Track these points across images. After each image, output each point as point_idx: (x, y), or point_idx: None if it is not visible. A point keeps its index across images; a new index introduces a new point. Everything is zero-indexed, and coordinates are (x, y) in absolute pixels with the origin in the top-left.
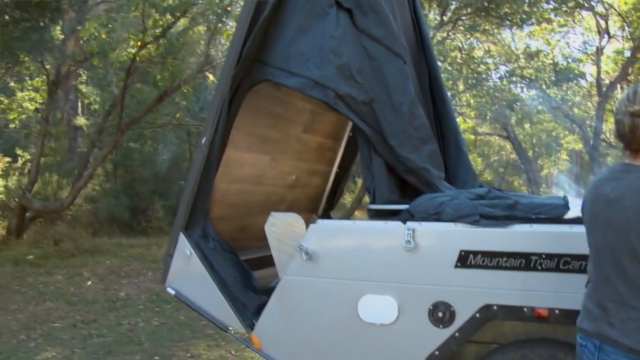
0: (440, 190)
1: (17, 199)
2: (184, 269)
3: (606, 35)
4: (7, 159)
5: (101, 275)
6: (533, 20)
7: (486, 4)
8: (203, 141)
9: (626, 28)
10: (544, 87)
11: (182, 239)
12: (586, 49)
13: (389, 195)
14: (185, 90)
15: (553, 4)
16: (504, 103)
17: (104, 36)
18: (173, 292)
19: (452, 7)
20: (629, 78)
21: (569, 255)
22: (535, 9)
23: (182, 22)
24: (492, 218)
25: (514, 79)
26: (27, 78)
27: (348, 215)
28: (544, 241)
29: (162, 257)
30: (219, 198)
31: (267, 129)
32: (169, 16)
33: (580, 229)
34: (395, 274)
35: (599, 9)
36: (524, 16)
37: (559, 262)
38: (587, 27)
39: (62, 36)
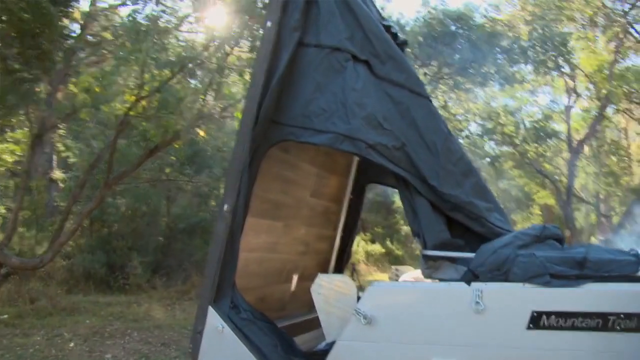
0: (490, 223)
1: None
2: (216, 345)
3: (574, 94)
4: None
5: (83, 336)
6: (513, 80)
7: (466, 65)
8: (225, 208)
9: (591, 87)
10: (517, 142)
11: (212, 312)
12: (554, 107)
13: (439, 235)
14: (177, 145)
15: (532, 65)
16: (479, 160)
17: (97, 89)
18: None
19: (434, 65)
20: (597, 135)
21: None
22: (513, 68)
23: (179, 77)
24: (562, 277)
25: (494, 136)
26: (7, 130)
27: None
28: (621, 300)
29: (190, 335)
30: (240, 268)
31: (279, 194)
32: (166, 71)
33: None
34: (463, 337)
35: (567, 69)
36: (500, 75)
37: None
38: (555, 87)
39: (42, 87)
